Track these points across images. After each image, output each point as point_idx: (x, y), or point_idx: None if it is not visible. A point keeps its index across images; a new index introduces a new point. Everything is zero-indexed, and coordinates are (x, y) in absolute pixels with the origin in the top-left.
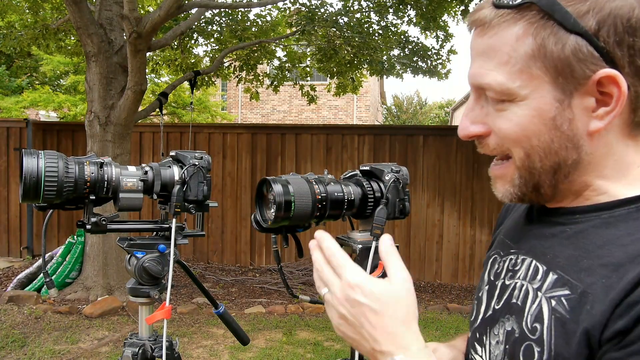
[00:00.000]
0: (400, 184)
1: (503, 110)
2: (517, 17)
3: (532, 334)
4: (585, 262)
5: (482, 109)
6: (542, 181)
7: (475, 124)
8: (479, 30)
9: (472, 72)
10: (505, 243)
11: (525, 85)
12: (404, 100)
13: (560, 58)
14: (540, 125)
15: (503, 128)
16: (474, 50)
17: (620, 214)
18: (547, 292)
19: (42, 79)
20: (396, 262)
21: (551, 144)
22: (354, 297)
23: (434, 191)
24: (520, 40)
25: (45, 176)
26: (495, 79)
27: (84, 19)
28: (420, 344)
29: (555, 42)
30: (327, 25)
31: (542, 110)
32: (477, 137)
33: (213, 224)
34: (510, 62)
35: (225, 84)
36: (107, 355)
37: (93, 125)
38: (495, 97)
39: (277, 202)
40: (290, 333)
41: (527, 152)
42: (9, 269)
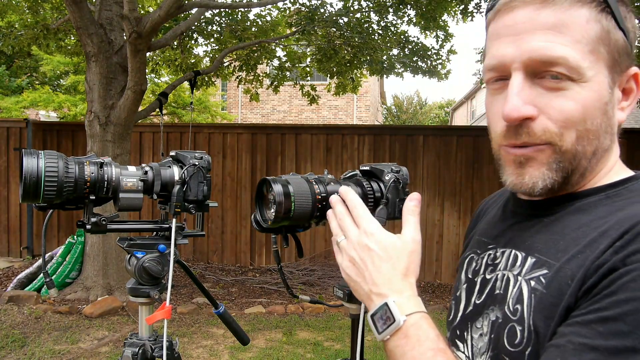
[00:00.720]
0: (400, 184)
1: (562, 90)
2: (584, 2)
3: (513, 315)
4: (562, 243)
5: (530, 89)
6: (581, 166)
7: (527, 104)
8: (541, 6)
9: (533, 44)
10: (481, 242)
11: (591, 66)
12: (404, 100)
13: (617, 47)
14: (597, 108)
15: (566, 108)
16: (532, 24)
17: (591, 202)
18: (526, 275)
19: (42, 79)
20: (413, 222)
21: (600, 128)
22: (366, 243)
23: (434, 191)
24: (590, 23)
25: (45, 176)
26: (570, 54)
27: (84, 19)
28: (413, 292)
29: (614, 32)
30: (327, 26)
31: (601, 94)
32: (522, 121)
33: (213, 224)
34: (583, 41)
35: (225, 84)
36: (107, 355)
37: (93, 125)
38: (564, 73)
39: (277, 202)
40: (290, 333)
41: (580, 135)
42: (9, 269)
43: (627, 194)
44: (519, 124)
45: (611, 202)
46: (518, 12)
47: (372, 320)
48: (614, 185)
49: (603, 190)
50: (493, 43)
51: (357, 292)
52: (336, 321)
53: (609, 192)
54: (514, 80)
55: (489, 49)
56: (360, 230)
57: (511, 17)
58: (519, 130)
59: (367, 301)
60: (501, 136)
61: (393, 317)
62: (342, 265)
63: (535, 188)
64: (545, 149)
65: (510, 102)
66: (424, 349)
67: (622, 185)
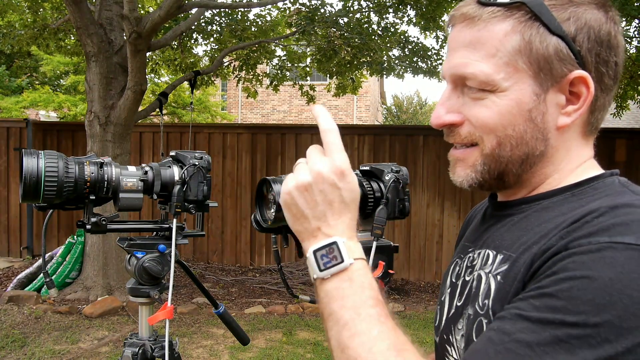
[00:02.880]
0: (400, 184)
1: (482, 99)
2: (507, 15)
3: (481, 310)
4: (524, 238)
5: (457, 98)
6: (509, 170)
7: (450, 112)
8: (464, 24)
9: (454, 62)
10: (464, 246)
11: (508, 77)
12: (404, 100)
13: (544, 56)
14: (517, 115)
15: (481, 116)
16: (456, 42)
17: (557, 200)
18: (494, 271)
19: (42, 79)
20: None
21: (524, 135)
22: (333, 178)
23: (434, 191)
24: (508, 35)
25: (45, 176)
26: (481, 68)
27: (84, 19)
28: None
29: (541, 41)
30: (327, 26)
31: (522, 101)
32: (450, 126)
33: (213, 224)
34: (497, 55)
35: (225, 84)
36: (107, 355)
37: (93, 125)
38: (477, 87)
39: (277, 202)
40: (290, 333)
41: (500, 141)
42: (9, 269)
43: (591, 191)
44: (449, 128)
45: (576, 200)
46: (454, 28)
47: (312, 256)
48: (580, 184)
49: (569, 189)
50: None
51: (296, 224)
52: None
53: (574, 190)
54: (443, 92)
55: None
56: (329, 161)
57: (451, 33)
58: (449, 133)
59: (308, 236)
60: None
61: (341, 257)
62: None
63: (463, 185)
64: (473, 151)
65: (435, 110)
66: (366, 296)
67: (587, 184)
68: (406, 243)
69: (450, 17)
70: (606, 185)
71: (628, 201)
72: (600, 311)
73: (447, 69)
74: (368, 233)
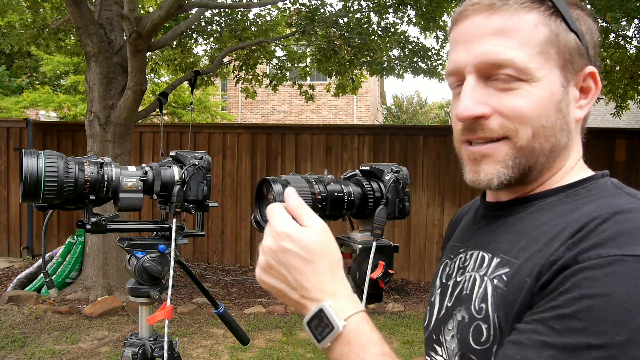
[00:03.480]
0: (400, 184)
1: (514, 90)
2: (532, 7)
3: (478, 314)
4: (523, 242)
5: (482, 90)
6: (538, 163)
7: (479, 104)
8: (489, 13)
9: (483, 49)
10: (454, 246)
11: (541, 67)
12: (404, 100)
13: (569, 49)
14: (550, 106)
15: (518, 106)
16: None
17: (552, 201)
18: (490, 275)
19: (42, 79)
20: (309, 212)
21: (555, 126)
22: (284, 246)
23: (434, 191)
24: (537, 26)
25: (45, 176)
26: (517, 56)
27: (84, 19)
28: (348, 290)
29: (565, 34)
30: (327, 26)
31: (554, 92)
32: (476, 119)
33: (213, 224)
34: (530, 44)
35: (225, 84)
36: (107, 355)
37: (93, 125)
38: (512, 75)
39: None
40: (290, 333)
41: (535, 132)
42: (9, 269)
43: (585, 193)
44: (475, 122)
45: (570, 201)
46: (470, 19)
47: (308, 328)
48: (573, 185)
49: (563, 190)
50: (451, 50)
51: (285, 300)
52: None
53: (568, 192)
54: (466, 83)
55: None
56: (272, 230)
57: (464, 24)
58: (475, 128)
59: (299, 308)
60: (460, 133)
61: (331, 324)
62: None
63: (491, 184)
64: (502, 146)
65: (462, 102)
66: (370, 355)
67: (580, 185)
68: (406, 243)
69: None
70: (599, 187)
71: (627, 205)
72: (623, 329)
73: (472, 58)
74: (368, 233)
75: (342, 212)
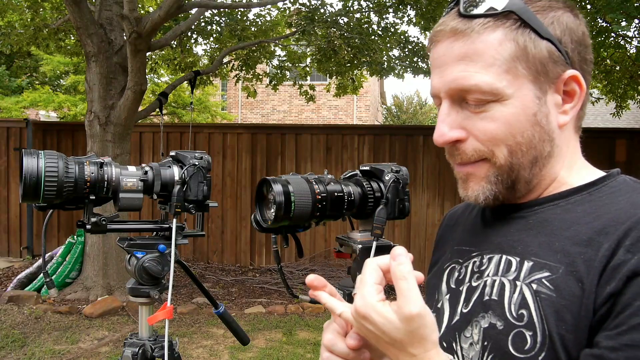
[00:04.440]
0: (400, 184)
1: (486, 112)
2: (497, 24)
3: (519, 321)
4: (557, 244)
5: (457, 114)
6: (521, 176)
7: (453, 129)
8: (454, 39)
9: (451, 76)
10: (462, 250)
11: (510, 84)
12: (404, 100)
13: (540, 59)
14: (524, 121)
15: (489, 128)
16: (448, 57)
17: (575, 200)
18: (526, 279)
19: (42, 79)
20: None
21: (532, 139)
22: (363, 324)
23: (434, 191)
24: (502, 44)
25: (45, 176)
26: (483, 79)
27: (84, 19)
28: None
29: (534, 45)
30: (327, 26)
31: (526, 107)
32: (454, 143)
33: (213, 224)
34: (496, 64)
35: (225, 83)
36: (107, 355)
37: (93, 125)
38: (480, 98)
39: (277, 202)
40: (290, 333)
41: (511, 150)
42: (9, 269)
43: (608, 190)
44: (453, 146)
45: (595, 199)
46: (439, 45)
47: None
48: (593, 183)
49: (584, 189)
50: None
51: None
52: None
53: (590, 190)
54: (442, 108)
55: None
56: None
57: (435, 50)
58: (453, 152)
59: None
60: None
61: None
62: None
63: (478, 199)
64: (482, 164)
65: (437, 128)
66: None
67: (601, 183)
68: (406, 243)
69: (434, 34)
70: (620, 184)
71: None
72: None
73: (443, 85)
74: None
75: (342, 212)
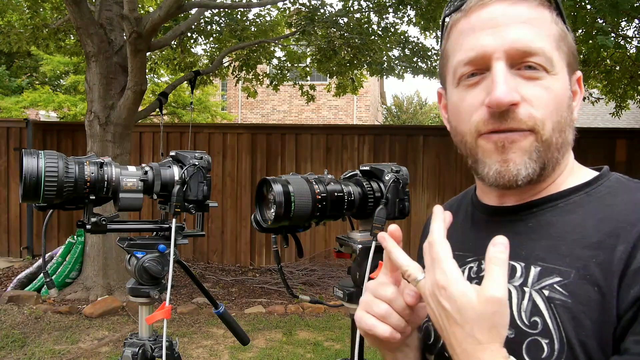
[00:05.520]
0: (400, 184)
1: (539, 79)
2: (545, 5)
3: (533, 329)
4: (564, 248)
5: (512, 77)
6: (553, 157)
7: (513, 90)
8: (509, 2)
9: (514, 36)
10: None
11: (558, 61)
12: (404, 100)
13: (572, 50)
14: (564, 101)
15: (543, 97)
16: (508, 17)
17: (574, 201)
18: (534, 286)
19: (42, 79)
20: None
21: (566, 122)
22: (439, 299)
23: (434, 191)
24: (552, 23)
25: (45, 176)
26: (546, 46)
27: (84, 19)
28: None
29: (569, 35)
30: (327, 26)
31: (566, 88)
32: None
33: (213, 224)
34: (550, 37)
35: (225, 84)
36: (107, 355)
37: (93, 125)
38: (541, 64)
39: (277, 202)
40: (290, 333)
41: (554, 126)
42: (9, 269)
43: (605, 190)
44: (504, 111)
45: (594, 200)
46: (492, 7)
47: None
48: (589, 183)
49: (581, 189)
50: (466, 38)
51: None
52: (336, 321)
53: (587, 189)
54: (498, 69)
55: (461, 44)
56: (432, 279)
57: (487, 11)
58: (504, 116)
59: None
60: (481, 124)
61: None
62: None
63: (519, 176)
64: (529, 135)
65: (499, 88)
66: None
67: (596, 183)
68: (406, 243)
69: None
70: (615, 182)
71: None
72: None
73: (503, 43)
74: (368, 233)
75: (342, 212)
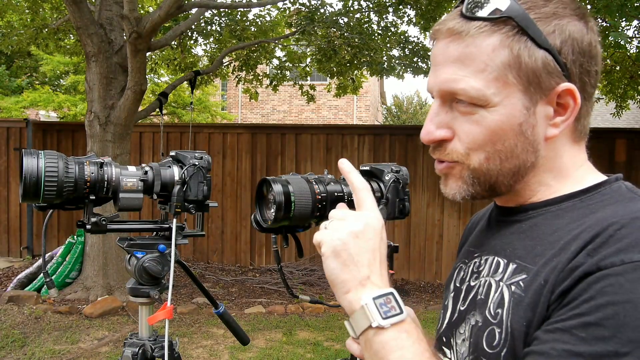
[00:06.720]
0: (400, 184)
1: (472, 114)
2: (494, 29)
3: (494, 319)
4: (539, 248)
5: (446, 114)
6: (500, 182)
7: (440, 128)
8: (450, 40)
9: (442, 77)
10: (469, 251)
11: (498, 92)
12: (404, 100)
13: (533, 69)
14: (508, 130)
15: (472, 132)
16: (443, 57)
17: (566, 206)
18: (507, 280)
19: (42, 79)
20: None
21: (514, 148)
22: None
23: (434, 191)
24: (496, 50)
25: (45, 176)
26: (471, 84)
27: (84, 19)
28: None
29: (529, 55)
30: (327, 26)
31: (512, 116)
32: (439, 142)
33: (213, 224)
34: (487, 70)
35: (225, 84)
36: (107, 355)
37: (93, 125)
38: (467, 102)
39: (277, 202)
40: (290, 333)
41: (489, 156)
42: (9, 269)
43: (599, 198)
44: (437, 144)
45: (585, 206)
46: (437, 43)
47: (373, 303)
48: (586, 190)
49: (576, 195)
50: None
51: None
52: (336, 321)
53: (582, 197)
54: (432, 107)
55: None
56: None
57: (435, 47)
58: (437, 148)
59: (355, 285)
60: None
61: (399, 308)
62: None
63: (457, 197)
64: (454, 166)
65: (424, 126)
66: (422, 348)
67: (594, 190)
68: (406, 243)
69: (434, 31)
70: (613, 192)
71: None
72: None
73: (435, 84)
74: None
75: None
